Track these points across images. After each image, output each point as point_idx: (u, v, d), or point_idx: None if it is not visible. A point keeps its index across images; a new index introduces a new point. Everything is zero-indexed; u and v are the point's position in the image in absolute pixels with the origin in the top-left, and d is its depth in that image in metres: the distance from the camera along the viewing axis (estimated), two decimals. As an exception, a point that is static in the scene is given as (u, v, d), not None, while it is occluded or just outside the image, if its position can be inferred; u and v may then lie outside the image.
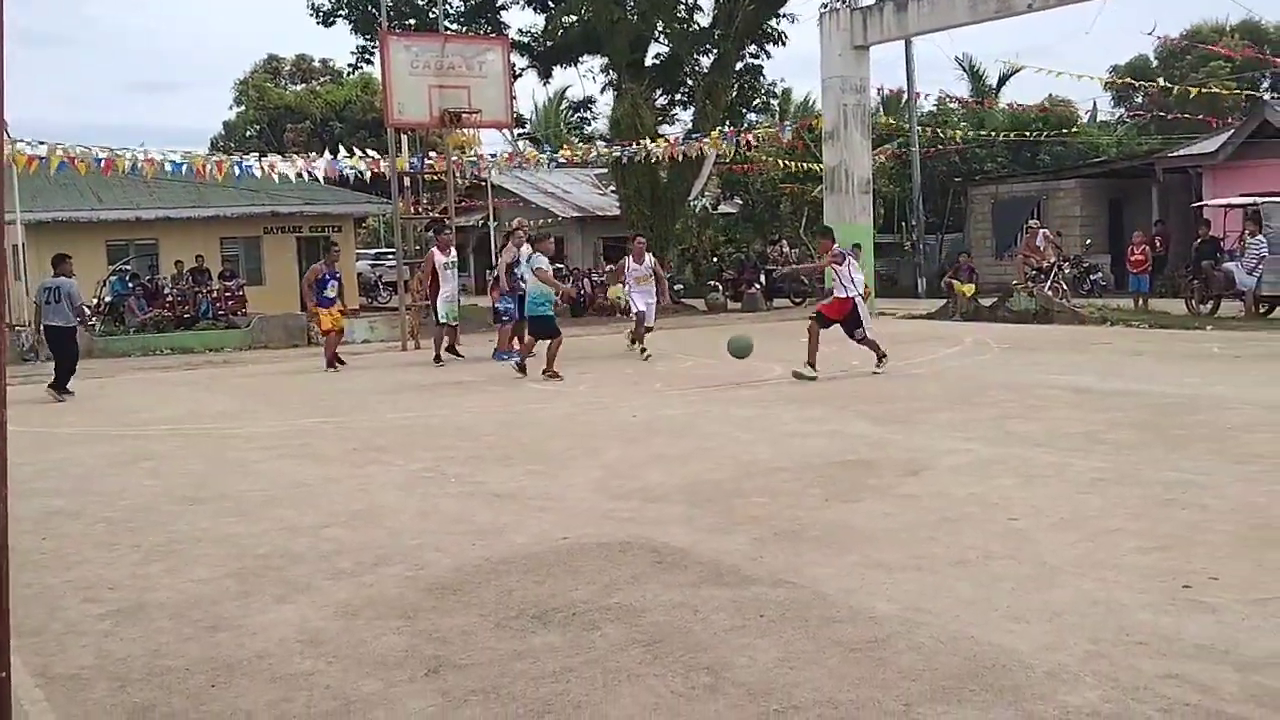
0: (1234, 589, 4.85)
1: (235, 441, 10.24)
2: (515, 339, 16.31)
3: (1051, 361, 13.97)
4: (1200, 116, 30.79)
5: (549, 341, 14.22)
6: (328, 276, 16.90)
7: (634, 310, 16.77)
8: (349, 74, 47.75)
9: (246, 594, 5.40)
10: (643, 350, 16.36)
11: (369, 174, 24.28)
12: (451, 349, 17.31)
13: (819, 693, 3.92)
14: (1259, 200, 20.65)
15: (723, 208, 36.23)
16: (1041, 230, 24.05)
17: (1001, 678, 3.98)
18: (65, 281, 14.72)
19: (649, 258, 17.00)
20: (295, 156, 23.78)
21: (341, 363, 16.78)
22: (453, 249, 17.86)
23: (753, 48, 30.24)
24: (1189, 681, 3.89)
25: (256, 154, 22.85)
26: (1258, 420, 9.07)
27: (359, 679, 4.23)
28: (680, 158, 26.20)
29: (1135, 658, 4.13)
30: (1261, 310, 19.18)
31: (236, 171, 22.90)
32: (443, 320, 17.21)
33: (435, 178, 27.11)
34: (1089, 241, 28.15)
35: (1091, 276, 26.24)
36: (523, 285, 15.64)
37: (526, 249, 16.63)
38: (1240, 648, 4.18)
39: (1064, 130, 34.54)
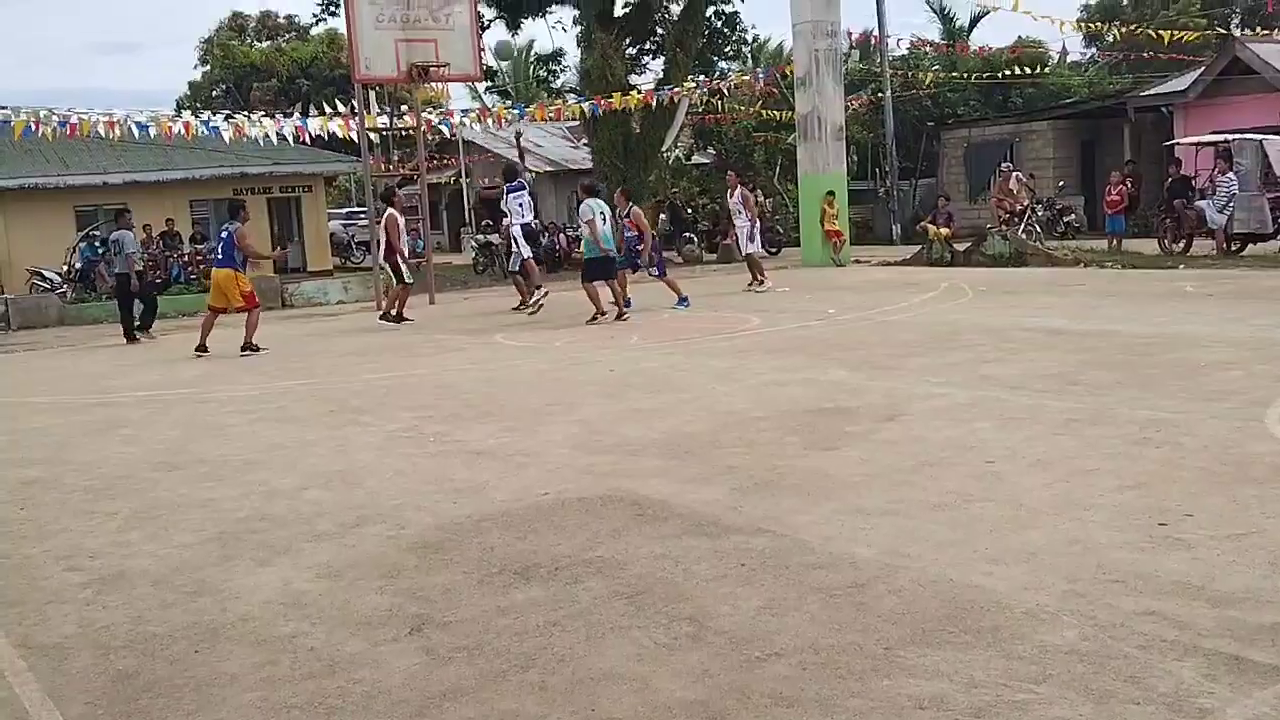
0: (1208, 525, 4.91)
1: (211, 406, 10.19)
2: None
3: (1026, 304, 14.03)
4: (1171, 55, 30.77)
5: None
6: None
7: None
8: (314, 28, 47.15)
9: (228, 558, 5.39)
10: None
11: (341, 132, 23.97)
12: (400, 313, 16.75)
13: (800, 638, 3.96)
14: (1230, 138, 20.70)
15: (696, 158, 36.06)
16: (1014, 173, 24.04)
17: (980, 619, 4.03)
18: (120, 233, 16.45)
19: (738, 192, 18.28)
20: (264, 120, 23.44)
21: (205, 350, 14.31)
22: None
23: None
24: (1166, 618, 3.94)
25: (225, 113, 22.48)
26: (1229, 357, 9.14)
27: (343, 640, 4.25)
28: (653, 105, 25.97)
29: (1112, 596, 4.18)
30: (1233, 248, 19.29)
31: (204, 132, 22.59)
32: (409, 281, 16.74)
33: (405, 134, 26.85)
34: (1062, 183, 28.20)
35: (1065, 218, 26.31)
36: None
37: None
38: (1215, 583, 4.24)
39: (1035, 72, 34.45)
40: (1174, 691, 3.38)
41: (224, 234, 14.68)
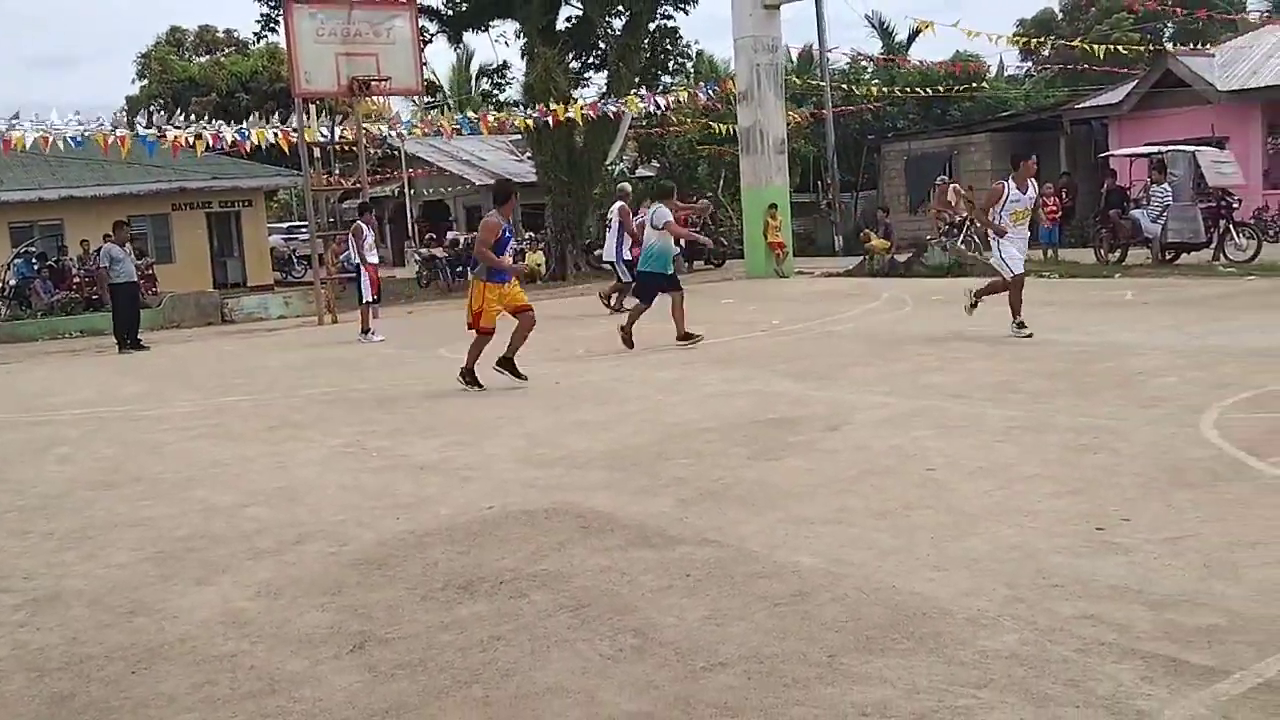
0: (1145, 530, 4.98)
1: (149, 423, 10.04)
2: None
3: (967, 313, 14.14)
4: (1105, 69, 31.33)
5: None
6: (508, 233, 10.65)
7: (1009, 269, 11.81)
8: (254, 44, 46.70)
9: (165, 578, 5.31)
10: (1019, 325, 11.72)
11: (278, 144, 23.67)
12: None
13: (745, 648, 3.96)
14: (1163, 149, 21.08)
15: (641, 171, 36.15)
16: (952, 185, 24.39)
17: (923, 626, 4.06)
18: (109, 246, 17.43)
19: (1033, 185, 11.97)
20: (203, 131, 23.09)
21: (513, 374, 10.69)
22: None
23: (665, 9, 30.10)
24: (1104, 621, 3.99)
25: (156, 128, 22.12)
26: (1165, 365, 9.30)
27: (284, 658, 4.19)
28: (597, 117, 25.99)
29: (1052, 600, 4.22)
30: (1167, 257, 19.64)
31: (140, 146, 22.22)
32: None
33: (347, 148, 26.63)
34: (1001, 195, 28.54)
35: (1003, 229, 26.62)
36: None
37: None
38: (1152, 586, 4.30)
39: (973, 85, 34.95)
40: (1113, 694, 3.43)
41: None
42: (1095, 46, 29.39)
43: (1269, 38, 26.91)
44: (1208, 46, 29.12)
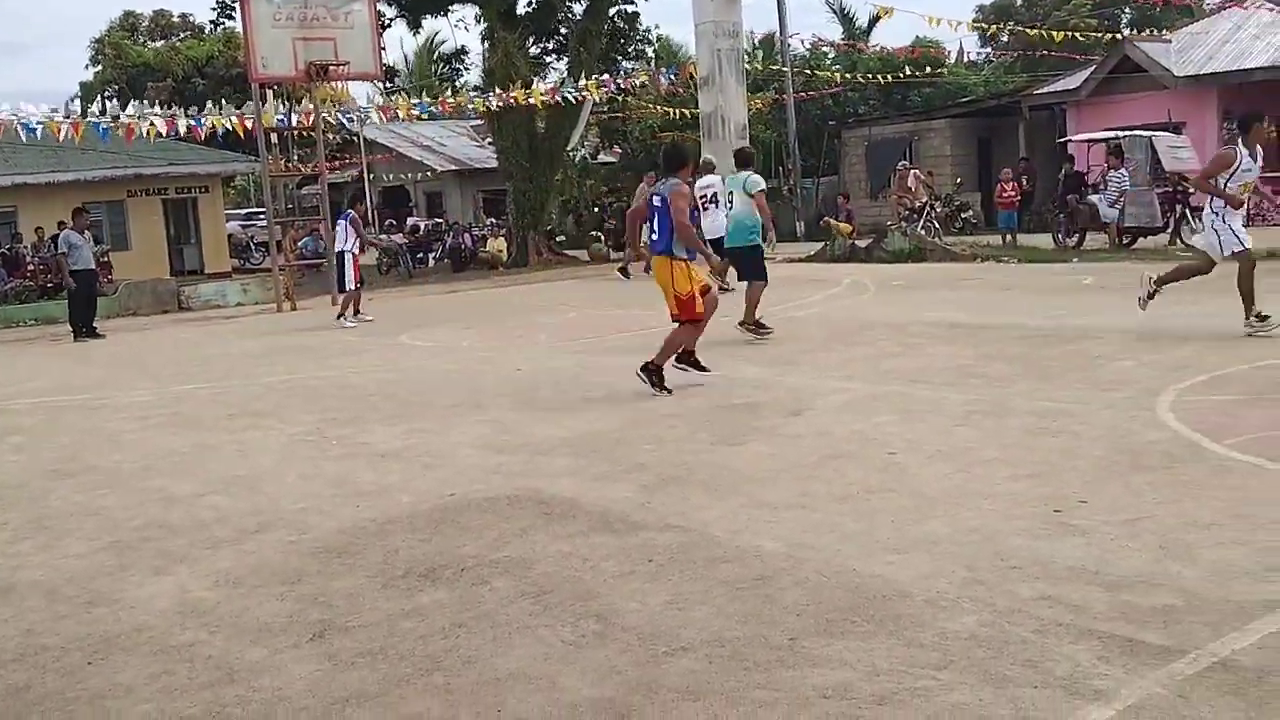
0: (1102, 511, 5.03)
1: (106, 412, 9.93)
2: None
3: (927, 299, 14.25)
4: (1064, 54, 31.53)
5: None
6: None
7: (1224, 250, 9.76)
8: (210, 29, 46.21)
9: (123, 568, 5.25)
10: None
11: (236, 130, 23.39)
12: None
13: (706, 632, 3.97)
14: (1120, 134, 21.27)
15: (603, 157, 36.06)
16: (912, 170, 24.46)
17: (883, 608, 4.08)
18: (68, 233, 17.08)
19: (1259, 153, 9.86)
20: (156, 118, 22.75)
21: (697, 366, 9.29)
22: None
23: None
24: (1061, 602, 4.03)
25: (112, 116, 21.77)
26: (1122, 349, 9.39)
27: (242, 648, 4.15)
28: (558, 101, 25.87)
29: (1010, 582, 4.26)
30: (1125, 241, 19.82)
31: (94, 133, 21.89)
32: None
33: (305, 134, 26.39)
34: (960, 180, 28.72)
35: (963, 214, 26.81)
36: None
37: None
38: (1109, 568, 4.34)
39: (932, 71, 35.09)
40: (1070, 674, 3.46)
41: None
42: (1054, 32, 29.57)
43: (1224, 24, 27.16)
44: (1164, 32, 29.36)
